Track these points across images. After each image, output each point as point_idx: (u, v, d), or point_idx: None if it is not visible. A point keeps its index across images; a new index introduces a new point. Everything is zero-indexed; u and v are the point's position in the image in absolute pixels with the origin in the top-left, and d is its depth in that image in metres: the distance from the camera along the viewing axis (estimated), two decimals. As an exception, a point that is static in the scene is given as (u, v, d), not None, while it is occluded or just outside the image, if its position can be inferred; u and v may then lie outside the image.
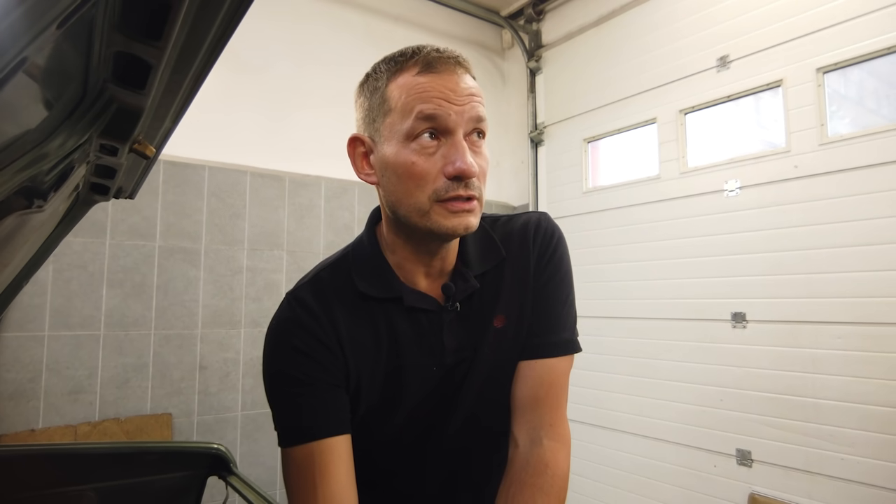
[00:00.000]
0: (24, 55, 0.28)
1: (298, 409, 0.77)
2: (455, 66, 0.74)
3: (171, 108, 0.74)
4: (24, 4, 0.26)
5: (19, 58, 0.28)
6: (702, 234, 2.77)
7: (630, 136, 3.26)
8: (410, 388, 0.83)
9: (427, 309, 0.83)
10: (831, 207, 2.32)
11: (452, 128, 0.73)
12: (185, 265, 2.66)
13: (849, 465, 2.22)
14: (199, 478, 1.44)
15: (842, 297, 2.27)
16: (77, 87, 0.59)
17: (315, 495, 0.73)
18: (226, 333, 2.75)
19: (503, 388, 0.87)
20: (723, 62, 2.71)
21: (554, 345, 0.85)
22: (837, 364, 2.27)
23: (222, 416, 2.71)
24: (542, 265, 0.87)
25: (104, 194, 1.10)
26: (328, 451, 0.75)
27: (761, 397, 2.50)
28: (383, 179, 0.78)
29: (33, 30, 0.27)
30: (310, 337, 0.78)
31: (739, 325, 2.59)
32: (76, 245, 2.39)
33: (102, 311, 2.45)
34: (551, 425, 0.82)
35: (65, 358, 2.36)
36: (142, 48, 0.51)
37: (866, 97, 2.34)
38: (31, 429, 2.26)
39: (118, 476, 1.35)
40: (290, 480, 0.77)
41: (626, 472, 3.06)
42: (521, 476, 0.79)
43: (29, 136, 0.57)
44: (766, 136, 2.62)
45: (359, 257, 0.86)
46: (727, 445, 2.61)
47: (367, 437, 0.84)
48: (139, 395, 2.51)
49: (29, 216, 0.66)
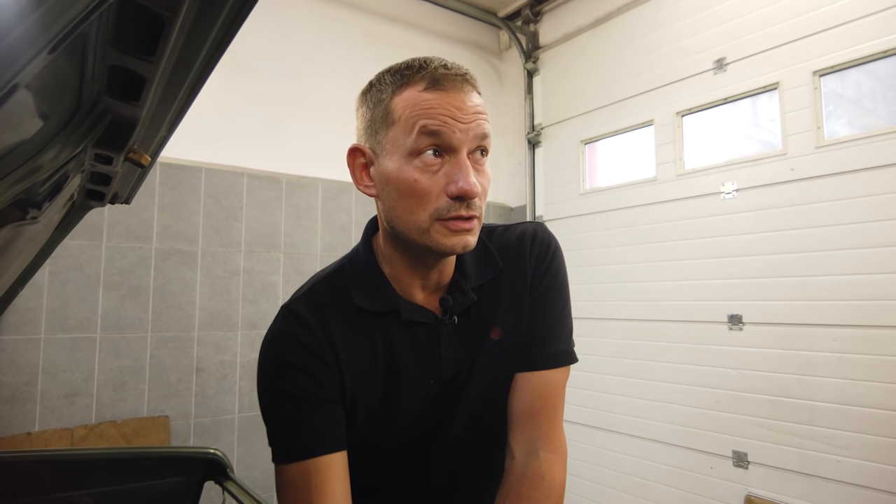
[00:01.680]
0: (14, 82, 0.28)
1: (294, 425, 0.76)
2: (462, 83, 0.74)
3: (167, 118, 0.74)
4: (14, 33, 0.26)
5: (10, 85, 0.28)
6: (698, 237, 2.77)
7: (627, 138, 3.26)
8: (408, 402, 0.82)
9: (424, 322, 0.82)
10: (827, 210, 2.33)
11: (457, 146, 0.72)
12: (181, 267, 2.66)
13: (844, 467, 2.23)
14: (195, 483, 1.44)
15: (838, 300, 2.28)
16: (71, 100, 0.59)
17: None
18: (223, 336, 2.75)
19: (500, 401, 0.86)
20: (719, 65, 2.72)
21: (550, 356, 0.85)
22: (833, 367, 2.28)
23: (219, 418, 2.71)
24: (538, 277, 0.87)
25: (100, 200, 1.10)
26: (324, 469, 0.74)
27: (757, 399, 2.50)
28: (383, 193, 0.77)
29: (24, 57, 0.27)
30: (305, 351, 0.77)
31: (736, 328, 2.59)
32: (72, 248, 2.38)
33: (99, 313, 2.44)
34: (547, 437, 0.82)
35: (61, 361, 2.35)
36: (136, 62, 0.51)
37: (863, 97, 2.34)
38: (28, 432, 2.26)
39: (115, 481, 1.35)
40: (286, 498, 0.76)
41: (622, 474, 3.07)
42: (517, 488, 0.78)
43: (23, 148, 0.57)
44: (763, 139, 2.62)
45: (355, 269, 0.85)
46: (723, 447, 2.62)
47: (364, 447, 0.84)
48: (136, 398, 2.50)
49: (24, 227, 0.66)
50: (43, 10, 0.27)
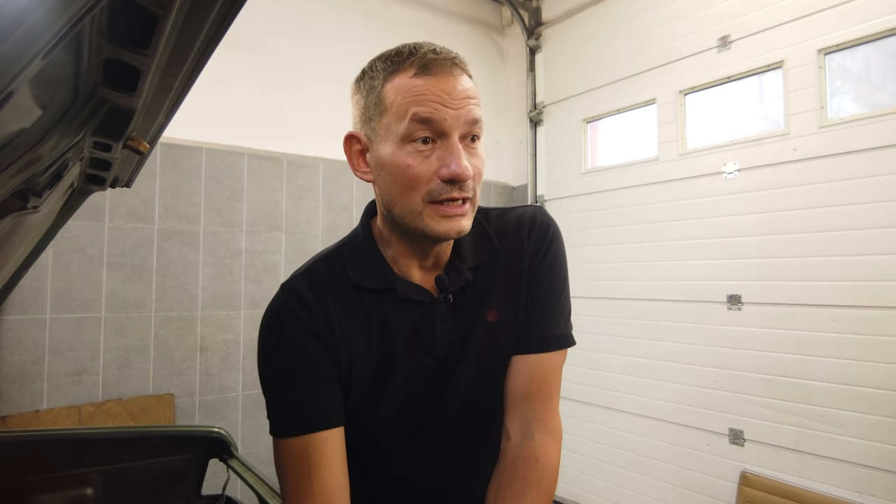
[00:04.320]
0: (10, 89, 0.29)
1: (292, 401, 0.79)
2: (451, 67, 0.74)
3: (164, 105, 0.74)
4: (7, 42, 0.27)
5: (6, 92, 0.29)
6: (699, 217, 2.77)
7: (629, 117, 3.24)
8: (401, 380, 0.84)
9: (420, 300, 0.84)
10: (829, 191, 2.32)
11: (448, 131, 0.73)
12: (184, 248, 2.67)
13: (839, 445, 2.26)
14: (200, 461, 1.47)
15: (837, 281, 2.29)
16: (69, 90, 0.59)
17: (311, 488, 0.75)
18: (226, 315, 2.77)
19: (493, 384, 0.88)
20: (724, 42, 2.68)
21: (547, 339, 0.86)
22: (831, 346, 2.30)
23: (223, 396, 2.75)
24: (536, 261, 0.88)
25: (100, 185, 1.10)
26: (322, 444, 0.77)
27: (755, 378, 2.53)
28: (379, 178, 0.78)
29: (18, 65, 0.28)
30: (303, 329, 0.79)
31: (735, 308, 2.61)
32: (75, 228, 2.40)
33: (103, 293, 2.47)
34: (543, 419, 0.84)
35: (67, 340, 2.38)
36: (130, 55, 0.51)
37: (872, 72, 2.30)
38: (36, 409, 2.30)
39: (122, 459, 1.38)
40: (284, 470, 0.79)
41: (620, 450, 3.12)
42: (511, 469, 0.81)
43: (23, 139, 0.57)
44: (767, 118, 2.60)
45: (354, 249, 0.87)
46: (720, 425, 2.65)
47: (358, 424, 0.86)
48: (141, 376, 2.54)
49: (26, 216, 0.67)
50: (35, 18, 0.27)
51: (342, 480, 0.78)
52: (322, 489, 0.75)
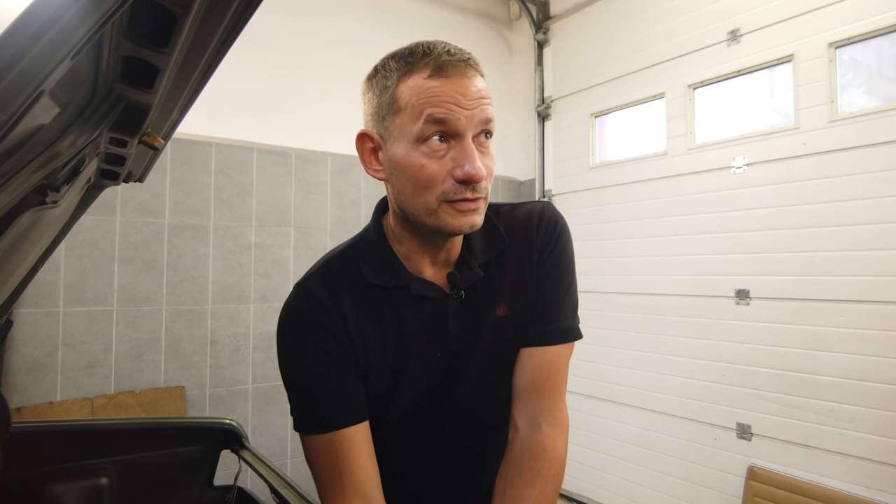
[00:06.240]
0: (42, 88, 0.30)
1: (316, 400, 0.81)
2: (466, 68, 0.75)
3: (179, 102, 0.75)
4: (41, 42, 0.28)
5: (38, 91, 0.30)
6: (708, 211, 2.76)
7: (638, 111, 3.23)
8: (415, 374, 0.85)
9: (433, 297, 0.85)
10: (838, 185, 2.30)
11: (462, 132, 0.74)
12: (194, 242, 2.69)
13: (847, 440, 2.26)
14: (212, 451, 1.49)
15: (846, 276, 2.28)
16: (88, 88, 0.60)
17: (342, 481, 0.78)
18: (235, 309, 2.80)
19: (503, 376, 0.89)
20: (733, 36, 2.67)
21: (554, 332, 0.87)
22: (839, 341, 2.29)
23: (234, 388, 2.78)
24: (544, 255, 0.89)
25: (114, 179, 1.12)
26: (348, 439, 0.79)
27: (763, 373, 2.53)
28: (392, 177, 0.79)
29: (49, 65, 0.29)
30: (321, 329, 0.81)
31: (743, 302, 2.60)
32: (87, 223, 2.42)
33: (115, 287, 2.49)
34: (550, 411, 0.85)
35: (80, 333, 2.41)
36: (149, 53, 0.52)
37: (885, 65, 2.28)
38: (50, 401, 2.33)
39: (135, 450, 1.40)
40: (315, 465, 0.82)
41: (628, 445, 3.12)
42: (520, 460, 0.82)
43: (42, 136, 0.59)
44: (777, 112, 2.59)
45: (366, 247, 0.88)
46: (728, 419, 2.65)
47: (376, 418, 0.87)
48: (153, 369, 2.57)
49: (45, 211, 0.69)
50: (67, 19, 0.28)
51: (372, 472, 0.80)
52: (354, 481, 0.78)
